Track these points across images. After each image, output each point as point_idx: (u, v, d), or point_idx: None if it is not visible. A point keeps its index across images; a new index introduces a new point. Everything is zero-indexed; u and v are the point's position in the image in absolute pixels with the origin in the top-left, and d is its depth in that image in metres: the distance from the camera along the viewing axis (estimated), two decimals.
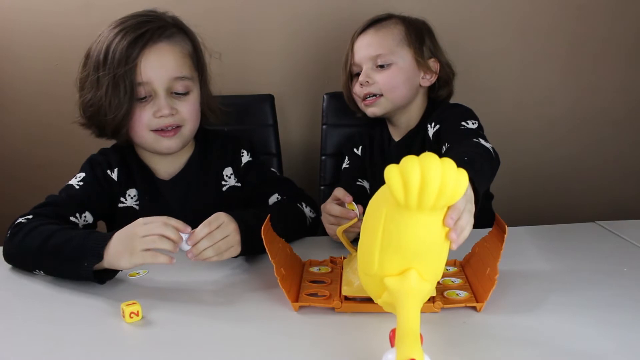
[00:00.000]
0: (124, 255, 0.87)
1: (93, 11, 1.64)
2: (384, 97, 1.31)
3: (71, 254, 0.91)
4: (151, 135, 1.13)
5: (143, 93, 1.09)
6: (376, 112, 1.33)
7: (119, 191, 1.19)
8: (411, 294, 0.67)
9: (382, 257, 0.68)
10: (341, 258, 0.98)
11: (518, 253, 1.02)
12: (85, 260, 0.90)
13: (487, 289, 0.80)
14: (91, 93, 1.10)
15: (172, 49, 1.12)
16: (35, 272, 0.98)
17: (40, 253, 0.95)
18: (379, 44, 1.30)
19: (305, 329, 0.77)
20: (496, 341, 0.73)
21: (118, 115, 1.08)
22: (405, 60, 1.31)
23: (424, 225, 0.66)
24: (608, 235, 1.12)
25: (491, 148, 1.05)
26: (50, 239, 0.95)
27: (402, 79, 1.30)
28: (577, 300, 0.83)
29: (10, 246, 1.01)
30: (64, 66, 1.67)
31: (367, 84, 1.30)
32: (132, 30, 1.08)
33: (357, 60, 1.33)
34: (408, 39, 1.31)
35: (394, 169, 0.62)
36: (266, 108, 1.57)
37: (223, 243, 0.92)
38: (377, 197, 0.72)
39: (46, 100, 1.71)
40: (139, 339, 0.76)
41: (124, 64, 1.06)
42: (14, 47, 1.67)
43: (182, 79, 1.12)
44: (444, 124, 1.25)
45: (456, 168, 0.63)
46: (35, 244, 0.95)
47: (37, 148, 1.75)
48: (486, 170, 0.97)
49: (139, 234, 0.87)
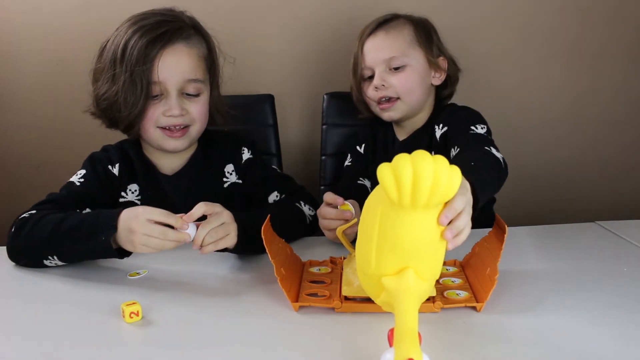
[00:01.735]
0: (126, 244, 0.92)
1: (93, 11, 1.64)
2: (400, 100, 1.29)
3: (86, 231, 0.94)
4: (158, 132, 1.15)
5: (156, 91, 1.11)
6: (393, 116, 1.32)
7: (120, 186, 1.20)
8: (408, 293, 0.67)
9: (379, 256, 0.68)
10: (341, 258, 0.98)
11: (518, 253, 1.02)
12: (102, 235, 0.92)
13: (487, 289, 0.80)
14: (106, 86, 1.11)
15: (188, 51, 1.13)
16: (48, 261, 0.98)
17: (53, 238, 0.96)
18: (391, 46, 1.29)
19: (305, 329, 0.77)
20: (496, 341, 0.72)
21: (133, 112, 1.10)
22: (418, 60, 1.30)
23: (418, 223, 0.66)
24: (608, 235, 1.12)
25: (501, 158, 1.05)
26: (62, 223, 0.97)
27: (417, 81, 1.29)
28: (577, 300, 0.83)
29: (17, 240, 1.01)
30: (64, 66, 1.68)
31: (382, 87, 1.29)
32: (151, 29, 1.09)
33: (368, 64, 1.31)
34: (418, 39, 1.30)
35: (386, 167, 0.62)
36: (266, 108, 1.57)
37: (220, 229, 0.92)
38: (372, 196, 0.72)
39: (46, 100, 1.71)
40: (139, 339, 0.76)
41: (142, 62, 1.08)
42: (14, 47, 1.67)
43: (195, 82, 1.14)
44: (453, 127, 1.25)
45: (449, 165, 0.63)
46: (46, 231, 0.97)
47: (37, 148, 1.74)
48: (491, 180, 0.97)
49: (140, 231, 0.89)
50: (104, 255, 0.98)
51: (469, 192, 0.77)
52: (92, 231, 0.93)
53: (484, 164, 0.98)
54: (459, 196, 0.70)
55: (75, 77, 1.64)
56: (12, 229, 1.02)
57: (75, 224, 0.96)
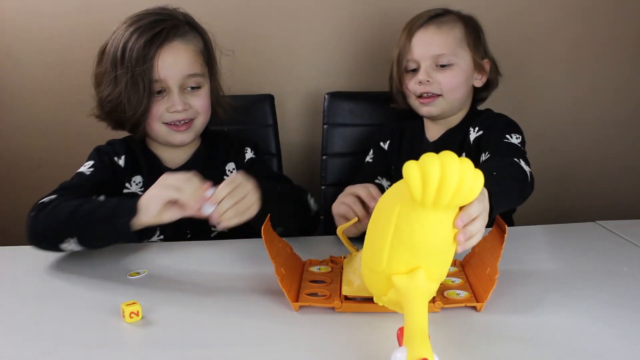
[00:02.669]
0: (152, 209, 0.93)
1: (92, 12, 1.64)
2: (442, 97, 1.28)
3: (106, 214, 0.96)
4: (163, 128, 1.17)
5: (157, 88, 1.13)
6: (432, 112, 1.30)
7: (124, 177, 1.21)
8: (419, 292, 0.67)
9: (392, 254, 0.69)
10: (341, 258, 0.98)
11: (518, 253, 1.02)
12: (121, 217, 0.93)
13: (487, 289, 0.80)
14: (109, 89, 1.13)
15: (185, 47, 1.15)
16: (66, 244, 0.99)
17: (73, 220, 0.97)
18: (443, 43, 1.27)
19: (305, 328, 0.77)
20: (496, 341, 0.72)
21: (138, 112, 1.12)
22: (466, 61, 1.28)
23: (436, 224, 0.67)
24: (608, 235, 1.12)
25: (529, 172, 1.04)
26: (81, 205, 0.99)
27: (462, 81, 1.28)
28: (577, 300, 0.83)
29: (37, 223, 1.01)
30: (64, 66, 1.68)
31: (427, 82, 1.27)
32: (147, 29, 1.11)
33: (416, 56, 1.29)
34: (468, 39, 1.29)
35: (414, 164, 0.62)
36: (266, 108, 1.56)
37: (243, 202, 0.95)
38: (388, 194, 0.72)
39: (46, 101, 1.71)
40: (139, 339, 0.76)
41: (142, 62, 1.10)
42: (14, 47, 1.67)
43: (194, 76, 1.16)
44: (488, 132, 1.24)
45: (474, 168, 0.64)
46: (66, 212, 0.98)
47: (37, 148, 1.74)
48: (512, 192, 0.96)
49: (164, 184, 0.93)
50: (123, 238, 1.00)
51: (486, 199, 0.78)
52: (112, 214, 0.95)
53: (506, 175, 0.97)
54: (476, 202, 0.71)
55: (75, 77, 1.65)
56: (31, 213, 1.02)
57: (95, 206, 0.99)
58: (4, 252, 1.11)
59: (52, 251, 1.03)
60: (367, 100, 1.58)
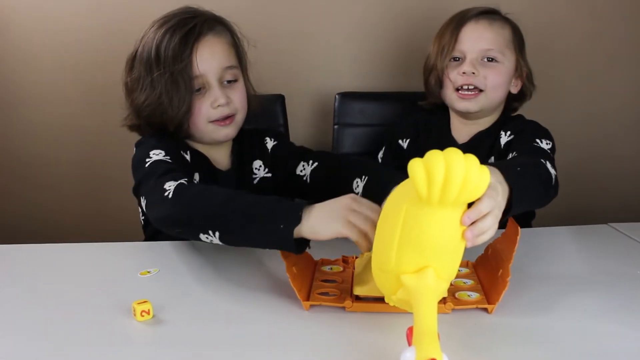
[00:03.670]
0: (328, 221, 0.82)
1: (103, 13, 1.65)
2: (484, 93, 1.26)
3: (264, 215, 0.85)
4: (210, 126, 1.15)
5: (197, 86, 1.12)
6: (470, 108, 1.28)
7: (188, 172, 1.12)
8: (428, 291, 0.67)
9: (400, 253, 0.68)
10: (353, 257, 0.98)
11: (530, 255, 1.01)
12: (281, 222, 0.83)
13: (499, 291, 0.79)
14: (146, 93, 1.11)
15: (219, 40, 1.15)
16: (205, 236, 0.90)
17: (221, 214, 0.88)
18: (493, 39, 1.27)
19: (315, 328, 0.77)
20: (507, 343, 0.72)
21: (181, 111, 1.11)
22: (510, 62, 1.28)
23: (444, 221, 0.67)
24: (621, 238, 1.11)
25: (554, 175, 1.04)
26: (232, 199, 0.89)
27: (505, 80, 1.28)
28: (589, 303, 0.83)
29: (175, 208, 0.93)
30: (71, 66, 1.68)
31: (472, 75, 1.25)
32: (179, 27, 1.11)
33: (463, 47, 1.27)
34: (514, 43, 1.29)
35: (418, 162, 0.62)
36: (277, 108, 1.57)
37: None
38: (395, 193, 0.72)
39: (52, 101, 1.72)
40: (150, 337, 0.77)
41: (179, 60, 1.09)
42: (24, 48, 1.68)
43: (231, 68, 1.16)
44: (519, 136, 1.24)
45: (479, 165, 0.63)
46: (214, 204, 0.90)
47: (43, 147, 1.75)
48: (533, 191, 0.95)
49: (351, 206, 0.82)
50: (278, 244, 0.86)
51: (499, 195, 0.77)
52: (270, 217, 0.84)
53: (529, 173, 0.96)
54: (486, 198, 0.70)
55: (82, 77, 1.66)
56: (165, 194, 0.93)
57: (250, 204, 0.88)
58: (14, 250, 1.11)
59: (189, 239, 1.02)
60: (378, 101, 1.58)
